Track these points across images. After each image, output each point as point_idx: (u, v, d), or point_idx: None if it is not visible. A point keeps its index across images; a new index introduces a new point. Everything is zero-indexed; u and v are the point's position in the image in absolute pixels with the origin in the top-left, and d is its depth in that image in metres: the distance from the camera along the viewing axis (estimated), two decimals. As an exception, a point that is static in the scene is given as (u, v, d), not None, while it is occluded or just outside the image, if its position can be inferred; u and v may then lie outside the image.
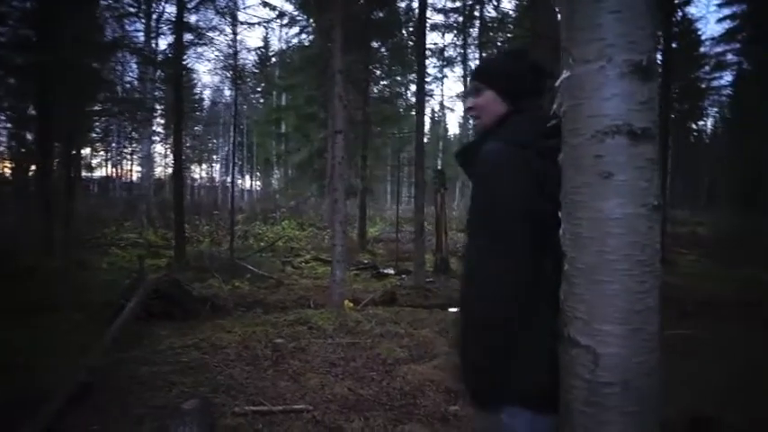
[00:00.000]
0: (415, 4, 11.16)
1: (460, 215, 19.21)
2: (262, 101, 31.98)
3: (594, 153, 0.96)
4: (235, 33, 15.06)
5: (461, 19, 14.78)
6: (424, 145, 10.07)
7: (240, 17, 19.01)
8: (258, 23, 18.42)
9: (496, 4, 14.29)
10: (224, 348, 4.29)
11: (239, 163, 31.94)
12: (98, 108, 12.96)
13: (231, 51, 13.97)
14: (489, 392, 1.21)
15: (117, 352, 4.02)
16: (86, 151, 24.03)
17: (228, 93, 29.67)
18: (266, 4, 16.80)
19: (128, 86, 17.62)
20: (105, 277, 7.64)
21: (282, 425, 3.01)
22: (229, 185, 19.03)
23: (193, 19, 12.11)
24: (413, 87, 16.67)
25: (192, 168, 34.73)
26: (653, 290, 0.98)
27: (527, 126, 1.22)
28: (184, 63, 13.33)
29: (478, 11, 14.17)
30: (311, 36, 15.40)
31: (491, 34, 14.41)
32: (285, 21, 16.06)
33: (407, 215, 15.92)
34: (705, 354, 4.32)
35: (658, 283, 0.98)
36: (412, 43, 13.20)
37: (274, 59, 26.93)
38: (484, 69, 1.41)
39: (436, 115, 36.66)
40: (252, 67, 26.43)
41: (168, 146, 26.59)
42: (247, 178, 37.23)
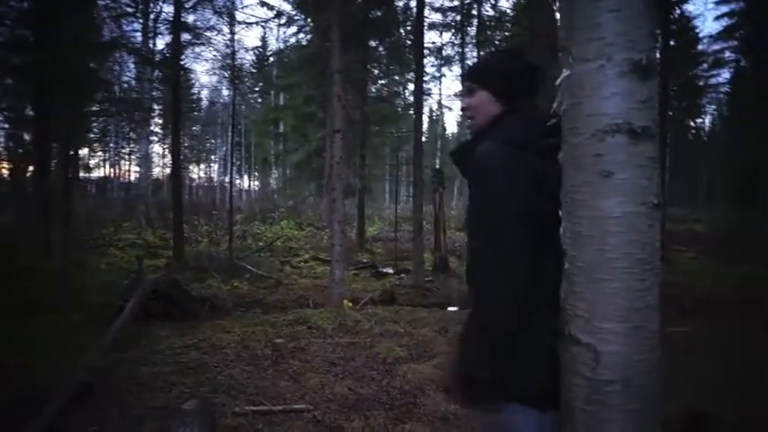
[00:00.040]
0: (413, 3, 11.17)
1: (459, 214, 19.24)
2: (260, 101, 31.96)
3: (594, 152, 0.97)
4: (232, 33, 15.00)
5: (459, 18, 14.76)
6: (423, 144, 10.07)
7: (238, 17, 19.07)
8: (256, 23, 18.36)
9: (494, 3, 14.29)
10: (223, 348, 4.29)
11: (237, 163, 31.92)
12: (96, 108, 12.92)
13: (229, 51, 13.95)
14: (490, 392, 1.22)
15: (116, 352, 4.02)
16: (84, 152, 23.96)
17: (226, 92, 29.66)
18: (264, 4, 16.78)
19: (125, 86, 17.58)
20: (104, 278, 7.63)
21: (283, 425, 3.02)
22: (228, 185, 18.99)
23: (191, 19, 12.15)
24: (411, 86, 16.74)
25: (191, 168, 34.79)
26: (653, 288, 0.98)
27: (522, 126, 1.22)
28: (182, 63, 13.37)
29: (476, 9, 14.14)
30: (309, 35, 15.40)
31: (489, 33, 14.41)
32: (283, 20, 16.05)
33: (406, 214, 15.90)
34: (703, 351, 4.33)
35: (658, 281, 0.99)
36: (410, 42, 13.21)
37: (272, 59, 26.86)
38: (478, 70, 1.40)
39: (434, 114, 36.75)
40: (250, 67, 26.52)
41: (166, 146, 26.64)
42: (245, 178, 37.24)
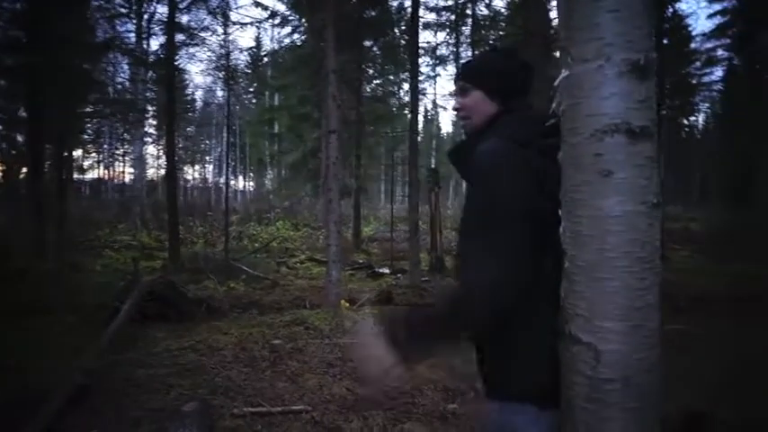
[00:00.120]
0: (408, 3, 11.20)
1: (455, 214, 19.25)
2: (254, 101, 31.89)
3: (594, 151, 0.97)
4: (227, 33, 15.01)
5: (454, 17, 14.76)
6: (418, 144, 10.08)
7: (232, 17, 18.99)
8: (250, 23, 18.46)
9: (488, 2, 14.29)
10: (221, 350, 4.28)
11: (232, 163, 31.80)
12: (89, 109, 12.87)
13: (223, 51, 13.89)
14: (490, 391, 1.22)
15: (112, 354, 4.00)
16: (78, 153, 23.83)
17: (221, 93, 29.61)
18: (258, 4, 16.77)
19: (119, 87, 17.54)
20: (99, 279, 7.60)
21: (281, 426, 3.01)
22: (223, 186, 18.94)
23: (185, 19, 12.08)
24: (406, 86, 16.73)
25: (185, 169, 34.63)
26: (653, 287, 0.98)
27: (517, 126, 1.22)
28: (176, 64, 13.28)
29: (471, 9, 14.16)
30: (304, 36, 15.36)
31: (483, 32, 14.40)
32: (277, 20, 16.03)
33: (401, 214, 15.92)
34: (698, 349, 4.36)
35: (658, 280, 0.99)
36: (404, 42, 13.20)
37: (267, 59, 26.81)
38: (471, 69, 1.37)
39: (429, 114, 36.80)
40: (244, 68, 26.38)
41: (161, 147, 26.48)
42: (241, 179, 37.12)
